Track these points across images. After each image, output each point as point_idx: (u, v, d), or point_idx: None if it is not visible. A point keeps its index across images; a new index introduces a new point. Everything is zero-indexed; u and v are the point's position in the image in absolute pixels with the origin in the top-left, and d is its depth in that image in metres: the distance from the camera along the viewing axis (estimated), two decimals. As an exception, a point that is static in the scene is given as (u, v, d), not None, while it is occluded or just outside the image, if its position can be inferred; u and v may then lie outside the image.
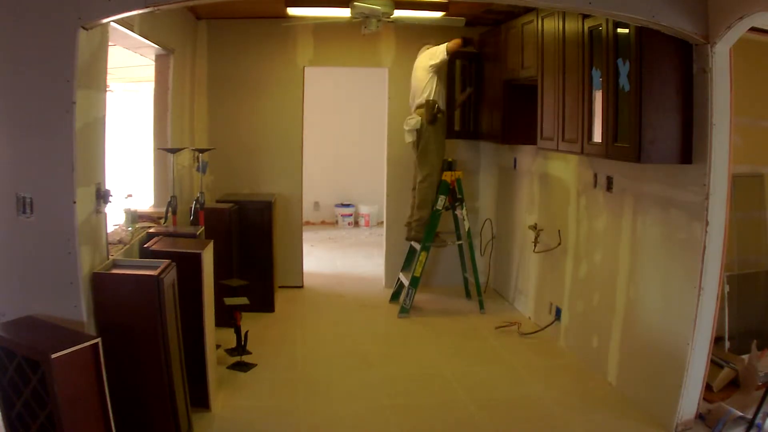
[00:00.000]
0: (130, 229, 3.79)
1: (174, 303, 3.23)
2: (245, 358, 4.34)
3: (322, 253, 7.84)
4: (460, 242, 5.87)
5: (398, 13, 4.49)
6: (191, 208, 4.75)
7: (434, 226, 5.57)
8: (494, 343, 4.88)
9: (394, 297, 5.92)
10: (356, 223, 9.88)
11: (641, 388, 3.76)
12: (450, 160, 5.66)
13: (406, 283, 5.64)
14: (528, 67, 4.71)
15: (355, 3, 4.13)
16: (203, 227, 4.45)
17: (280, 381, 4.15)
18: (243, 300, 4.31)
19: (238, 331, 4.36)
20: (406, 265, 5.91)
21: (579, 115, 3.90)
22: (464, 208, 5.70)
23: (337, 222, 9.90)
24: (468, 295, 6.04)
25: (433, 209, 5.56)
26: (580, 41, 3.85)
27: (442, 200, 5.60)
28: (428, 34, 6.11)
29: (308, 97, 6.27)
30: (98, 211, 3.09)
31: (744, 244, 4.33)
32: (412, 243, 5.81)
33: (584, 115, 3.84)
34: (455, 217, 5.83)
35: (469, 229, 5.76)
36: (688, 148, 3.35)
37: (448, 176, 5.60)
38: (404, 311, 5.52)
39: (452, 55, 5.47)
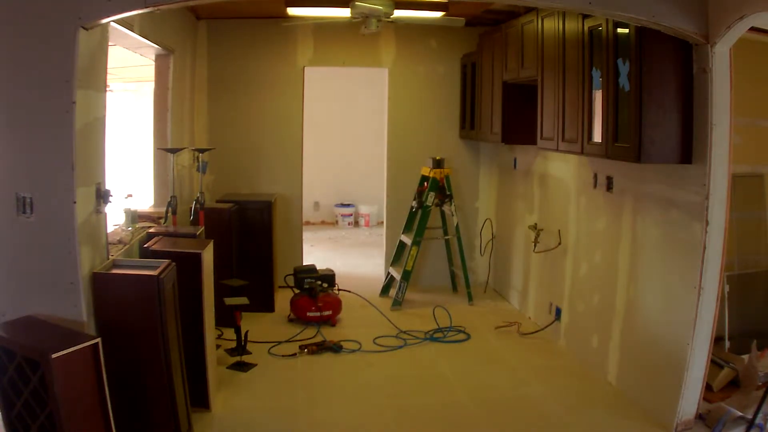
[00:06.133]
0: (130, 229, 3.80)
1: (174, 303, 3.23)
2: (245, 358, 4.35)
3: (322, 253, 7.83)
4: (447, 237, 6.03)
5: (398, 13, 4.48)
6: (191, 208, 4.75)
7: (424, 222, 5.68)
8: (494, 343, 4.88)
9: (384, 291, 6.05)
10: (356, 223, 9.88)
11: (641, 388, 3.76)
12: (438, 158, 5.73)
13: (397, 276, 5.75)
14: (528, 67, 4.71)
15: (357, 3, 4.13)
16: (203, 227, 4.45)
17: (280, 381, 4.15)
18: (243, 300, 4.31)
19: (238, 331, 4.36)
20: (396, 260, 6.04)
21: (579, 115, 3.90)
22: (452, 204, 5.79)
23: (337, 222, 9.90)
24: (455, 288, 6.18)
25: (423, 205, 5.70)
26: (580, 41, 3.85)
27: (431, 197, 5.71)
28: (428, 34, 6.13)
29: (308, 97, 6.27)
30: (98, 211, 3.09)
31: (744, 244, 4.33)
32: (402, 238, 5.96)
33: (584, 115, 3.84)
34: (442, 213, 5.95)
35: (457, 224, 5.87)
36: (688, 148, 3.35)
37: (437, 173, 5.72)
38: (396, 304, 5.65)
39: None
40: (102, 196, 3.10)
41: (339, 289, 5.53)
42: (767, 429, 3.37)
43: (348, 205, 9.86)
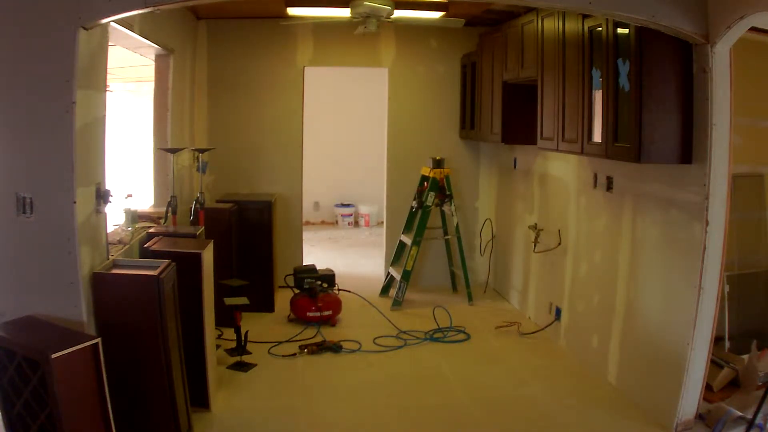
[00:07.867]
0: (130, 229, 3.79)
1: (174, 303, 3.23)
2: (245, 358, 4.35)
3: (322, 253, 7.83)
4: (447, 237, 6.04)
5: (398, 13, 4.49)
6: (191, 208, 4.75)
7: (424, 222, 5.68)
8: (494, 343, 4.88)
9: (384, 291, 6.06)
10: (356, 223, 9.89)
11: (641, 388, 3.76)
12: (438, 158, 5.73)
13: (397, 276, 5.75)
14: (528, 67, 4.71)
15: (365, 2, 4.13)
16: (203, 227, 4.45)
17: (280, 381, 4.15)
18: (243, 300, 4.31)
19: (238, 331, 4.36)
20: (396, 260, 6.05)
21: (579, 115, 3.90)
22: (452, 204, 5.79)
23: (337, 222, 9.90)
24: (455, 288, 6.20)
25: (423, 205, 5.69)
26: (580, 41, 3.85)
27: (431, 197, 5.71)
28: (428, 34, 6.13)
29: (308, 97, 6.27)
30: (98, 211, 3.09)
31: (744, 244, 4.33)
32: (402, 238, 5.95)
33: (584, 115, 3.84)
34: (442, 213, 5.96)
35: (457, 224, 5.89)
36: (688, 148, 3.35)
37: (437, 173, 5.72)
38: (396, 304, 5.66)
39: None
40: (102, 196, 3.10)
41: (339, 289, 5.53)
42: (767, 429, 3.37)
43: (348, 205, 9.86)
